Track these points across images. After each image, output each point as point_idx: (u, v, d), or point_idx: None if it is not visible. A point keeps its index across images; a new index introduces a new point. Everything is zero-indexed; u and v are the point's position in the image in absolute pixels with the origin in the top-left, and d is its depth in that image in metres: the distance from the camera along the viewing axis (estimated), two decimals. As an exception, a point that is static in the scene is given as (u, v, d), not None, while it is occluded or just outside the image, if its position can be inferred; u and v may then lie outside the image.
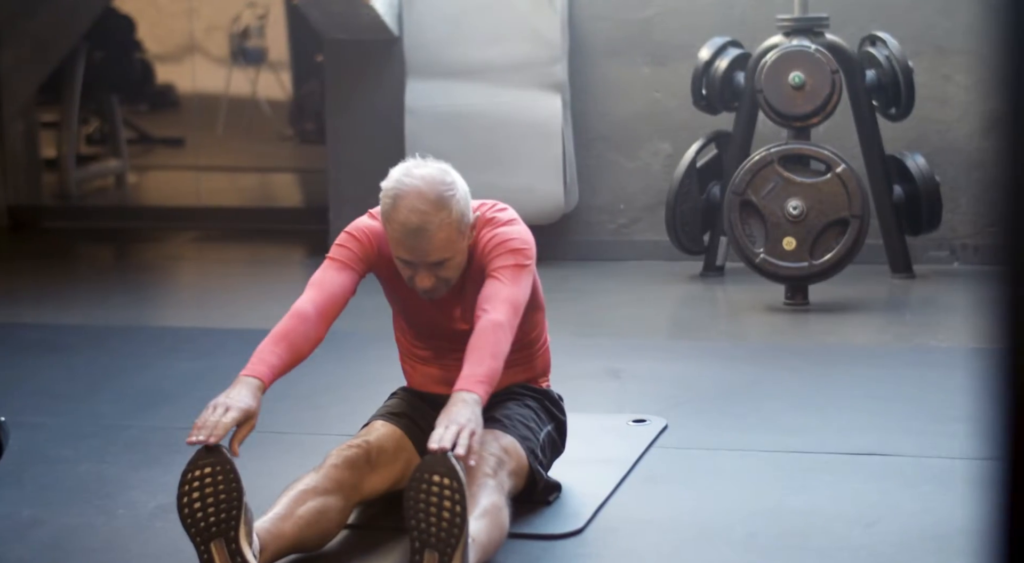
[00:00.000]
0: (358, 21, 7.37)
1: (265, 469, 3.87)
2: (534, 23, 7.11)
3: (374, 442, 3.51)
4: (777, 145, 6.11)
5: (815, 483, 3.75)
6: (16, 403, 4.74)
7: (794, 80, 6.06)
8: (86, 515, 3.64)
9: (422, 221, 3.29)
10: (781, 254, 6.02)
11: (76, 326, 6.06)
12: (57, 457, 4.16)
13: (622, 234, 7.44)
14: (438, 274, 3.39)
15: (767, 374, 4.96)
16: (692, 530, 3.44)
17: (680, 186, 6.75)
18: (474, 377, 3.14)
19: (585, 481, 3.74)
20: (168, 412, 4.64)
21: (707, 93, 6.68)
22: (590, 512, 3.54)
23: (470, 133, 7.22)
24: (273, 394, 4.80)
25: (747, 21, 7.07)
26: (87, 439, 4.33)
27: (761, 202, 6.04)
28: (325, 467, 3.39)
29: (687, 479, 3.83)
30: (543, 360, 3.78)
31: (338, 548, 3.38)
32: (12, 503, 3.77)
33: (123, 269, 8.10)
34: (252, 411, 3.14)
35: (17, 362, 5.39)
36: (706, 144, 6.84)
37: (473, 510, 3.17)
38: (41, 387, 5.00)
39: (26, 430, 4.40)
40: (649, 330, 5.92)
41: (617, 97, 7.40)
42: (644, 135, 7.37)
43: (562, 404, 3.78)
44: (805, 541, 3.35)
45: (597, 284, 6.88)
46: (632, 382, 4.90)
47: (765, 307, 6.14)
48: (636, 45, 7.35)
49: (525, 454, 3.50)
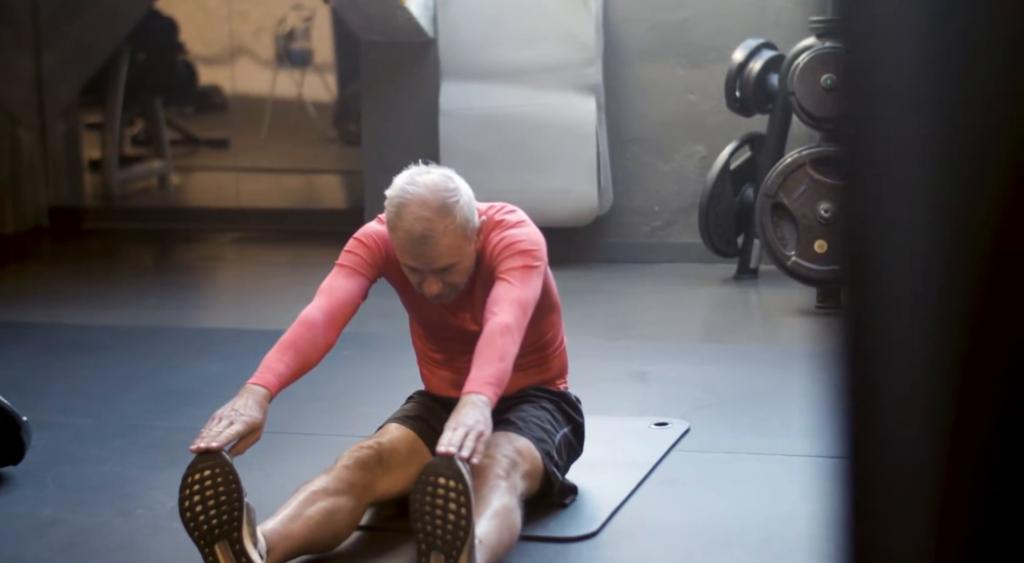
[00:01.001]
0: (393, 23, 7.39)
1: (288, 472, 3.88)
2: (568, 25, 7.11)
3: (386, 444, 3.52)
4: (809, 147, 6.09)
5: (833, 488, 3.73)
6: (46, 403, 4.79)
7: (826, 82, 6.03)
8: (105, 515, 3.67)
9: (427, 229, 3.30)
10: (813, 257, 5.99)
11: (111, 327, 6.10)
12: (82, 457, 4.19)
13: (656, 236, 7.43)
14: (445, 279, 3.40)
15: (793, 378, 4.94)
16: (707, 534, 3.44)
17: (713, 188, 6.73)
18: (482, 379, 3.15)
19: (603, 484, 3.74)
20: (194, 413, 4.65)
21: (741, 95, 6.66)
22: (605, 515, 3.54)
23: (504, 135, 7.23)
24: (300, 396, 4.84)
25: (782, 23, 7.05)
26: (112, 439, 4.36)
27: (793, 204, 6.01)
28: (336, 468, 3.40)
29: (705, 483, 3.83)
30: (559, 362, 3.78)
31: (350, 549, 3.39)
32: (34, 502, 3.80)
33: (161, 270, 8.14)
34: (257, 423, 3.17)
35: (50, 363, 5.43)
36: (740, 146, 6.83)
37: (483, 511, 3.18)
38: (72, 387, 5.04)
39: (53, 430, 4.45)
40: (679, 333, 5.91)
41: (652, 99, 7.39)
42: (679, 137, 7.36)
43: (579, 406, 3.78)
44: (820, 546, 3.33)
45: (630, 286, 6.87)
46: (657, 385, 4.90)
47: (797, 311, 6.11)
48: (671, 47, 7.34)
49: (540, 456, 3.50)
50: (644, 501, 3.68)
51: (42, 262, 8.33)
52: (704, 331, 6.07)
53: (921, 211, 0.68)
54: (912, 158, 0.68)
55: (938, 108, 0.69)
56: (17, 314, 6.52)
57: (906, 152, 0.68)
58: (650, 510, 3.61)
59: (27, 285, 7.42)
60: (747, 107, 6.70)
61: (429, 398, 3.74)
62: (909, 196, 0.68)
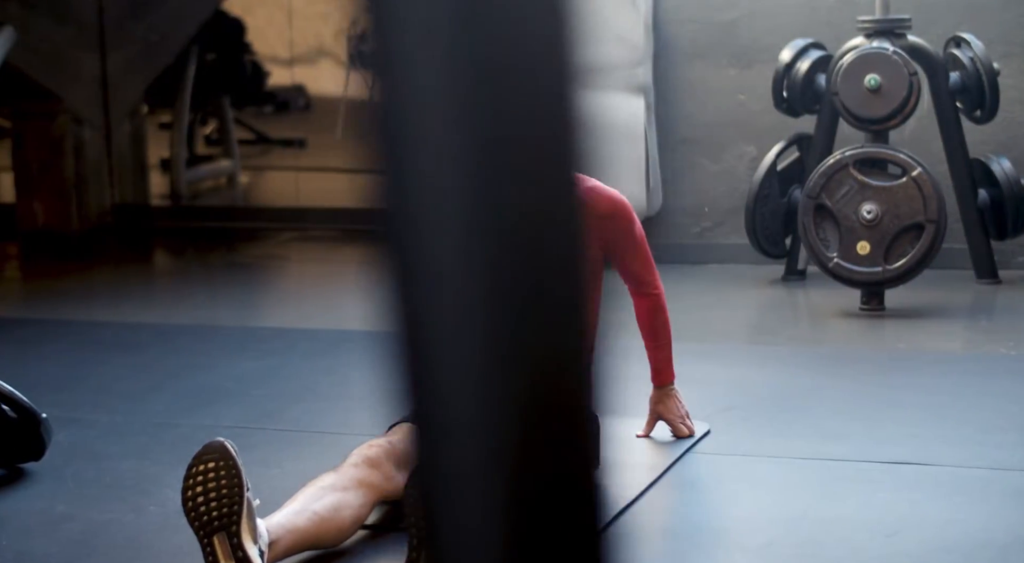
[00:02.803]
0: (443, 24, 7.40)
1: (305, 469, 3.87)
2: (617, 26, 7.10)
3: (397, 444, 3.53)
4: (852, 148, 6.03)
5: (845, 492, 3.71)
6: (75, 400, 4.85)
7: (870, 82, 5.98)
8: (117, 511, 3.70)
9: None
10: (855, 259, 5.94)
11: (152, 324, 6.17)
12: (102, 454, 4.24)
13: (706, 237, 7.39)
14: None
15: (825, 380, 4.91)
16: (708, 537, 3.42)
17: (759, 189, 6.69)
18: (670, 368, 4.18)
19: (611, 486, 3.73)
20: (220, 411, 4.71)
21: (788, 95, 6.61)
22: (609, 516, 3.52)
23: (553, 135, 7.22)
24: (329, 395, 4.88)
25: (832, 23, 6.99)
26: (135, 436, 4.41)
27: (835, 206, 5.96)
28: (345, 466, 3.42)
29: (716, 486, 3.81)
30: None
31: (354, 547, 3.40)
32: (49, 498, 3.85)
33: (217, 268, 8.19)
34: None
35: (85, 359, 5.50)
36: (787, 147, 6.78)
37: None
38: (102, 384, 5.10)
39: (78, 427, 4.50)
40: (718, 334, 5.88)
41: (702, 100, 7.36)
42: (729, 138, 7.32)
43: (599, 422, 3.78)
44: (821, 550, 3.31)
45: (676, 287, 6.81)
46: (686, 386, 4.84)
47: (840, 312, 6.06)
48: (721, 47, 7.30)
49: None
50: (651, 503, 3.66)
51: (102, 261, 8.43)
52: (744, 333, 6.03)
53: (458, 207, 0.68)
54: (447, 157, 0.68)
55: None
56: (64, 311, 6.61)
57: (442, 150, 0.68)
58: (655, 512, 3.60)
59: (81, 283, 7.51)
60: (794, 107, 6.65)
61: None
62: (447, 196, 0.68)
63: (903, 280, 5.94)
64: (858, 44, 6.24)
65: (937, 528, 3.43)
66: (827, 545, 3.33)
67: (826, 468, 3.91)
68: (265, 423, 4.57)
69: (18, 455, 4.05)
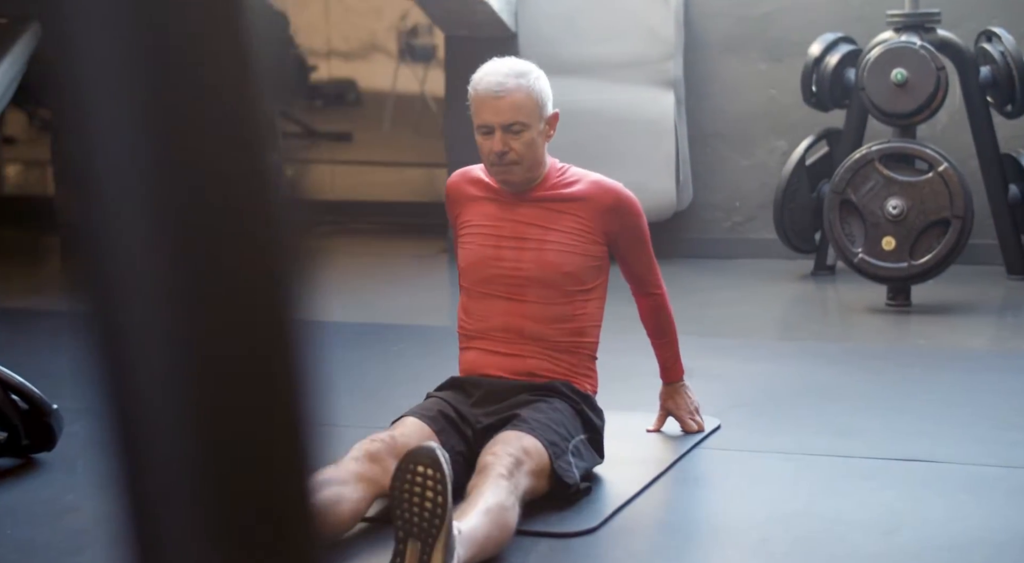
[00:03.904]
0: (474, 18, 7.42)
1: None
2: (648, 20, 7.09)
3: (399, 438, 3.52)
4: (878, 143, 6.00)
5: (850, 488, 3.69)
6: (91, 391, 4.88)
7: (896, 77, 5.94)
8: (123, 502, 3.73)
9: (502, 82, 3.69)
10: (880, 254, 5.91)
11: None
12: (116, 445, 4.27)
13: (737, 232, 7.37)
14: (511, 143, 3.65)
15: (844, 376, 4.89)
16: (706, 533, 3.42)
17: (788, 184, 6.67)
18: (679, 365, 4.13)
19: (615, 480, 3.73)
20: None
21: (817, 90, 6.59)
22: (609, 512, 3.52)
23: (583, 129, 7.22)
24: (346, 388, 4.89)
25: (864, 17, 6.95)
26: (150, 428, 4.44)
27: (860, 201, 5.94)
28: (345, 460, 3.43)
29: (720, 481, 3.80)
30: (588, 360, 3.80)
31: (353, 539, 3.41)
32: (59, 488, 3.88)
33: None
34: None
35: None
36: (816, 141, 6.76)
37: (476, 507, 3.18)
38: (123, 376, 5.13)
39: (93, 418, 4.53)
40: (743, 329, 5.86)
41: (733, 94, 7.34)
42: (760, 132, 7.30)
43: (602, 414, 3.78)
44: (817, 547, 3.29)
45: (705, 282, 6.83)
46: (703, 381, 4.85)
47: (867, 308, 6.03)
48: (752, 41, 7.28)
49: (548, 455, 3.49)
50: (652, 498, 3.65)
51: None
52: (768, 328, 6.01)
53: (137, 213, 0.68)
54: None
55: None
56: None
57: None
58: (655, 507, 3.59)
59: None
60: (824, 102, 6.62)
61: (449, 388, 3.76)
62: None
63: (929, 276, 5.91)
64: (887, 38, 6.20)
65: (937, 526, 3.40)
66: (823, 542, 3.32)
67: (833, 465, 3.89)
68: (279, 415, 4.59)
69: (30, 445, 4.09)
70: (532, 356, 3.71)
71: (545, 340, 3.71)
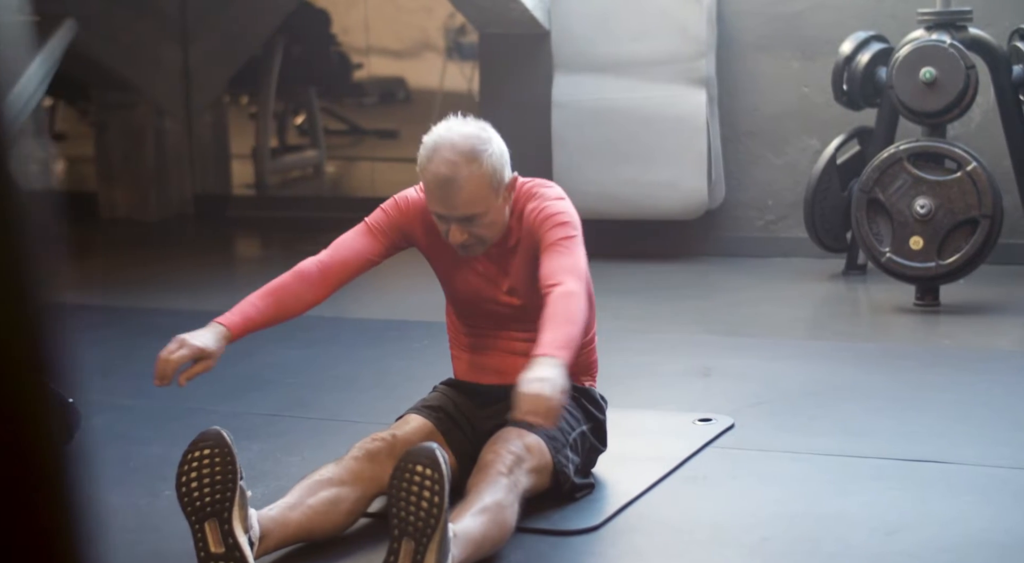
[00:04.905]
0: (508, 16, 7.43)
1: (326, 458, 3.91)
2: (680, 18, 7.08)
3: (401, 437, 3.54)
4: (907, 142, 5.97)
5: (856, 489, 3.68)
6: (116, 385, 4.95)
7: (925, 76, 5.91)
8: (134, 495, 3.78)
9: (452, 172, 3.35)
10: (908, 254, 5.88)
11: (208, 312, 6.20)
12: (133, 438, 4.32)
13: (769, 230, 7.35)
14: (471, 230, 3.43)
15: (863, 376, 4.87)
16: (707, 532, 3.41)
17: (818, 183, 6.64)
18: (554, 343, 3.11)
19: (621, 479, 3.74)
20: (255, 398, 4.77)
21: (848, 88, 6.56)
22: (612, 510, 3.53)
23: (615, 127, 7.23)
24: (365, 385, 4.92)
25: (897, 15, 6.92)
26: (168, 423, 4.48)
27: (888, 200, 5.91)
28: (346, 458, 3.45)
29: (727, 481, 3.79)
30: (586, 358, 3.77)
31: (353, 536, 3.43)
32: (71, 481, 3.92)
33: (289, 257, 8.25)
34: (208, 352, 3.34)
35: (135, 345, 5.60)
36: (847, 140, 6.73)
37: (474, 505, 3.20)
38: (146, 371, 5.08)
39: (114, 411, 4.60)
40: (769, 328, 5.84)
41: (766, 92, 7.32)
42: (792, 131, 7.28)
43: (603, 404, 3.77)
44: (817, 547, 3.29)
45: (734, 281, 6.82)
46: (720, 380, 4.86)
47: (894, 308, 6.00)
48: (785, 39, 7.26)
49: (549, 452, 3.50)
50: (657, 497, 3.66)
51: (179, 249, 8.55)
52: (796, 327, 5.98)
53: None
54: None
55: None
56: (128, 299, 6.72)
57: None
58: (659, 506, 3.59)
59: (153, 271, 7.63)
60: (855, 100, 6.59)
61: (455, 388, 3.77)
62: None
63: (956, 276, 5.87)
64: (918, 37, 6.17)
65: (939, 527, 3.39)
66: (823, 542, 3.31)
67: (842, 465, 3.88)
68: (296, 411, 4.63)
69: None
70: (524, 367, 3.69)
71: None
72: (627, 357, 5.22)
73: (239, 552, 3.08)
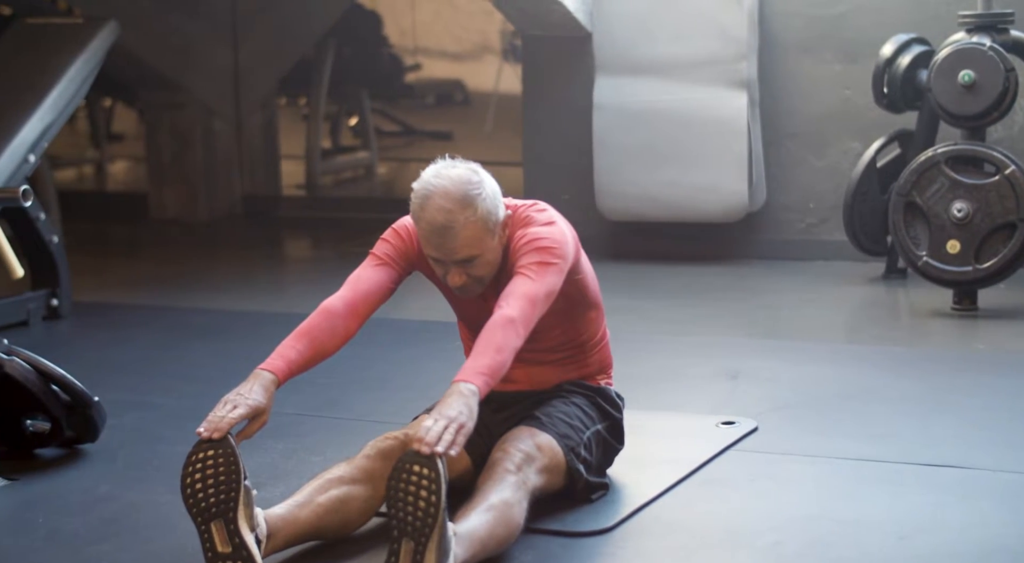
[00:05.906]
0: (550, 18, 7.44)
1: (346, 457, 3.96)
2: (721, 20, 7.07)
3: (413, 436, 3.56)
4: (945, 145, 5.93)
5: (873, 493, 3.67)
6: (148, 384, 5.00)
7: (964, 78, 5.87)
8: (154, 493, 3.81)
9: (448, 220, 3.35)
10: (945, 257, 5.84)
11: (244, 312, 6.30)
12: (159, 437, 4.36)
13: (811, 233, 7.32)
14: (469, 272, 3.44)
15: (891, 380, 4.85)
16: (720, 534, 3.41)
17: (858, 186, 6.61)
18: (474, 369, 3.18)
19: (638, 481, 3.74)
20: (283, 398, 4.68)
21: (889, 91, 6.52)
22: (626, 512, 3.53)
23: (655, 130, 7.23)
24: (391, 386, 4.94)
25: (940, 17, 6.87)
26: (195, 421, 4.41)
27: (926, 203, 5.87)
28: (357, 457, 3.47)
29: (745, 483, 3.79)
30: (600, 358, 3.78)
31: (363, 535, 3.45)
32: (95, 478, 3.98)
33: (334, 258, 8.29)
34: (261, 408, 3.25)
35: (171, 344, 5.65)
36: (887, 143, 6.69)
37: (480, 504, 3.22)
38: (178, 370, 5.23)
39: (144, 410, 4.65)
40: (805, 331, 5.82)
41: (807, 94, 7.29)
42: (834, 133, 7.25)
43: (620, 402, 3.78)
44: (828, 551, 3.28)
45: (772, 284, 6.80)
46: (747, 383, 4.85)
47: (932, 312, 5.97)
48: (827, 42, 7.23)
49: (562, 451, 3.51)
50: (672, 499, 3.66)
51: (227, 249, 8.59)
52: (832, 330, 5.96)
53: None
54: None
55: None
56: (169, 298, 6.78)
57: None
58: (674, 509, 3.59)
59: (198, 271, 7.69)
60: (895, 103, 6.55)
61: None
62: None
63: (993, 280, 5.83)
64: (958, 39, 6.13)
65: (954, 532, 3.38)
66: (836, 546, 3.31)
67: (860, 469, 3.87)
68: (324, 411, 4.66)
69: (73, 436, 4.18)
70: (538, 375, 3.71)
71: (546, 364, 3.70)
72: (657, 360, 5.22)
73: (246, 551, 3.11)
